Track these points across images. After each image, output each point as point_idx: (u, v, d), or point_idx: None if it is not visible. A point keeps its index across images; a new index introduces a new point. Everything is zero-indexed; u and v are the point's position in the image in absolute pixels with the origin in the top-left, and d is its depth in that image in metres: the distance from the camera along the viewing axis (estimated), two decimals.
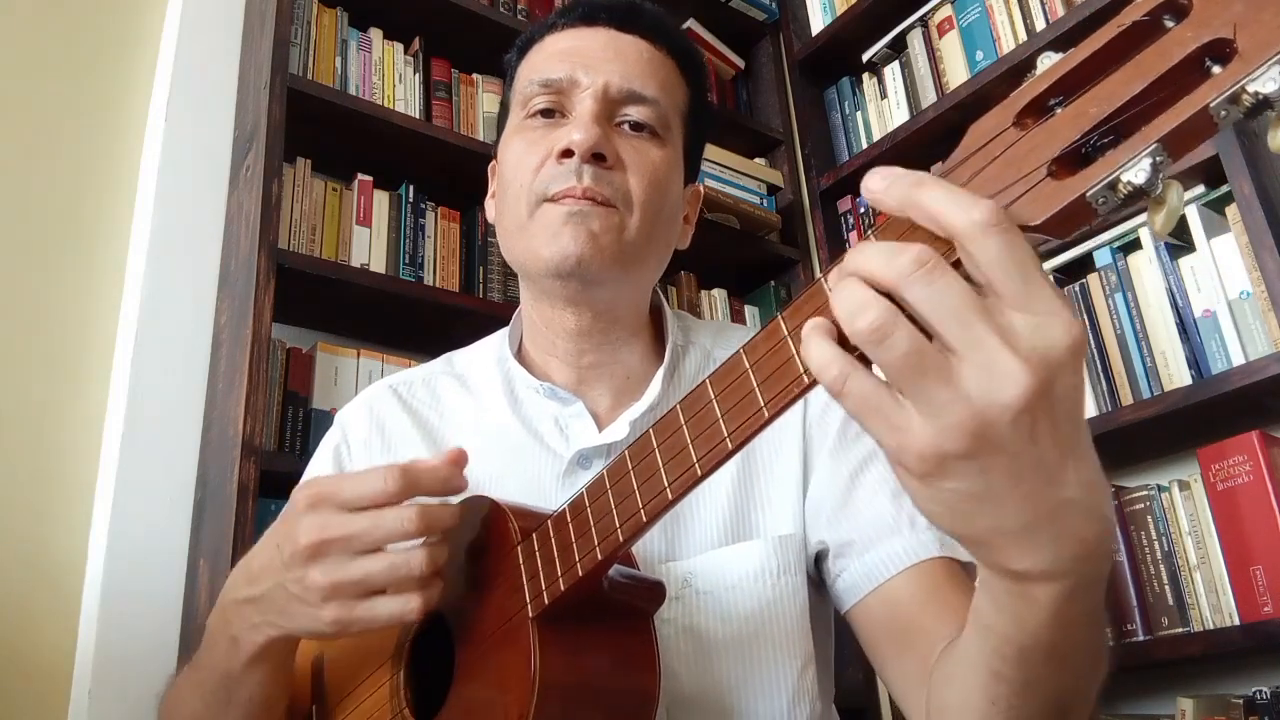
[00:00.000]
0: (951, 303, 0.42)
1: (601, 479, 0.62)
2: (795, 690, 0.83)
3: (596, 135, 0.85)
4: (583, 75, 0.89)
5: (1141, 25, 0.42)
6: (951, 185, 0.44)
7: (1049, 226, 0.43)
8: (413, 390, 1.00)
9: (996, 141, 0.45)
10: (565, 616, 0.66)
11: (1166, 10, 0.41)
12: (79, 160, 1.61)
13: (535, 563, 0.67)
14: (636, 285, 0.93)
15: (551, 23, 0.95)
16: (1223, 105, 0.39)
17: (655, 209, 0.88)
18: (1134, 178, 0.41)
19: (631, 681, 0.69)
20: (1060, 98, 0.44)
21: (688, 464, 0.55)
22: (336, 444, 0.98)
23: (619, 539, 0.60)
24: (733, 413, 0.52)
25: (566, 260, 0.84)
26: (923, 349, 0.43)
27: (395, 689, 0.76)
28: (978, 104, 1.97)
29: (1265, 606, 1.41)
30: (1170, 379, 1.58)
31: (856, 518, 0.85)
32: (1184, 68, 0.40)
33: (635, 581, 0.71)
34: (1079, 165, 0.43)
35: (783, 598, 0.84)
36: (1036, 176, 0.43)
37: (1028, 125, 0.45)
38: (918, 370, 0.43)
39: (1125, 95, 0.42)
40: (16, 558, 1.37)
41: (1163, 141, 0.40)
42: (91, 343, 1.54)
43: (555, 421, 0.92)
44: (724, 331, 1.02)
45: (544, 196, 0.86)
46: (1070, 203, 0.42)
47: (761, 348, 0.51)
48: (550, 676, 0.64)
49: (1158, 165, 0.40)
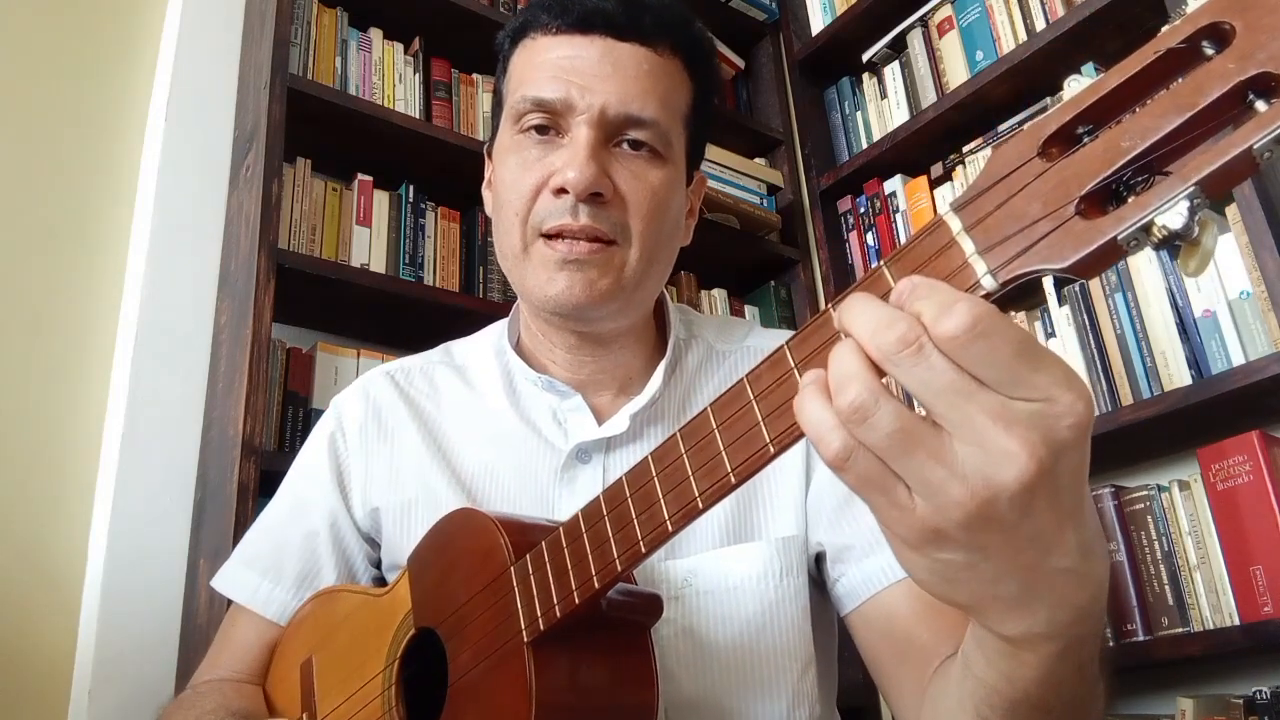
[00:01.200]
0: (940, 384, 0.40)
1: (598, 504, 0.61)
2: (795, 693, 0.83)
3: (591, 176, 0.81)
4: (578, 97, 0.83)
5: (1178, 52, 0.39)
6: (932, 287, 0.41)
7: (1077, 269, 0.40)
8: (410, 379, 0.98)
9: (1021, 172, 0.42)
10: (561, 638, 0.65)
11: (1207, 36, 0.38)
12: (79, 160, 1.61)
13: (530, 587, 0.65)
14: (638, 308, 0.91)
15: (545, 20, 0.88)
16: (1267, 146, 0.36)
17: (655, 237, 0.86)
18: (1169, 222, 0.37)
19: (630, 699, 0.68)
20: (1089, 127, 0.41)
21: (688, 498, 0.53)
22: (331, 431, 0.96)
23: (617, 569, 0.59)
24: (737, 446, 0.49)
25: (563, 306, 0.83)
26: (909, 429, 0.41)
27: (387, 704, 0.75)
28: (978, 104, 1.97)
29: (1265, 606, 1.41)
30: (1170, 379, 1.58)
31: (857, 522, 0.84)
32: (1225, 103, 0.37)
33: (633, 598, 0.70)
34: (1110, 204, 0.40)
35: (785, 600, 0.84)
36: (1064, 214, 0.40)
37: (1054, 155, 0.42)
38: (905, 450, 0.41)
39: (1161, 130, 0.38)
40: (16, 558, 1.37)
41: (1201, 184, 0.37)
42: (91, 343, 1.54)
43: (554, 415, 0.91)
44: (726, 326, 1.01)
45: (539, 230, 0.84)
46: (1101, 245, 0.39)
47: (766, 378, 0.49)
48: (548, 700, 0.63)
49: (1195, 208, 0.37)
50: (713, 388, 0.94)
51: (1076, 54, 1.83)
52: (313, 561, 0.92)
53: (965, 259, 0.43)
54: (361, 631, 0.81)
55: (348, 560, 0.93)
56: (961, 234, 0.43)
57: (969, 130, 2.01)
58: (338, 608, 0.87)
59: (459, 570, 0.73)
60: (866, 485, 0.43)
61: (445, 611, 0.73)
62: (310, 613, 0.89)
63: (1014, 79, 1.90)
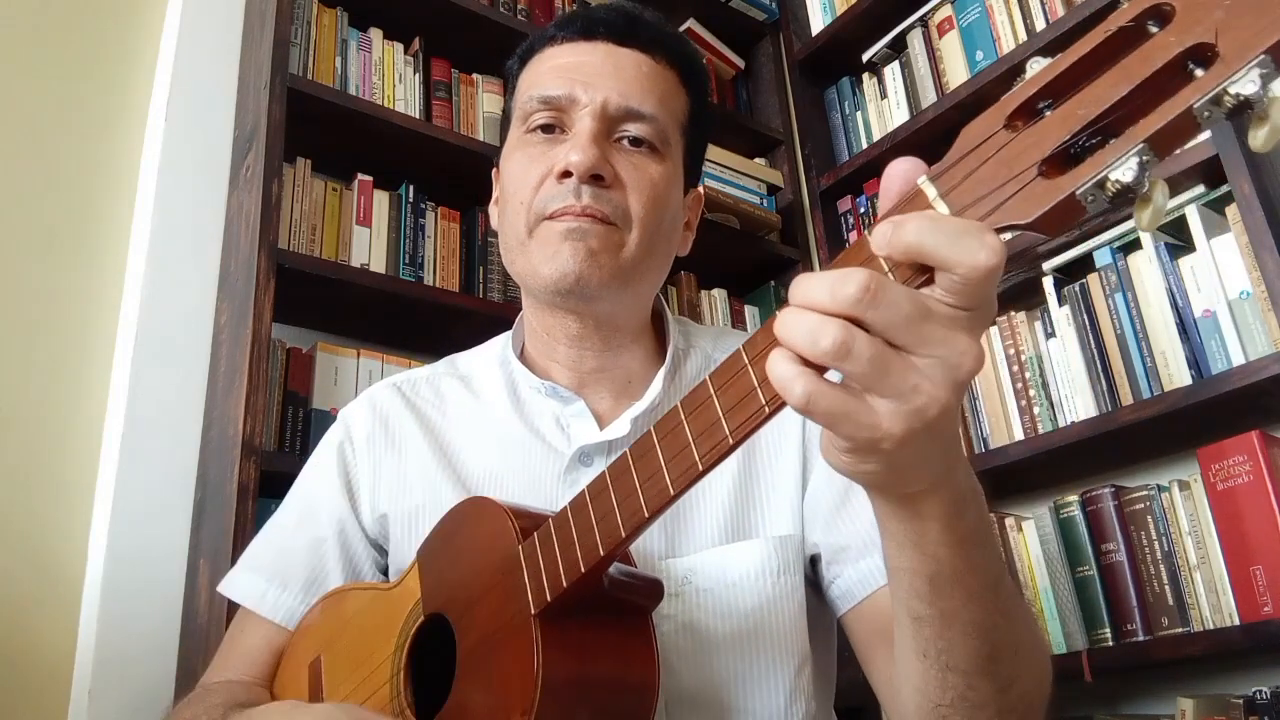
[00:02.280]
0: (902, 314, 0.45)
1: (603, 477, 0.63)
2: (792, 688, 0.84)
3: (594, 156, 0.85)
4: (581, 93, 0.89)
5: (1126, 31, 0.43)
6: (953, 221, 0.46)
7: (1041, 224, 0.44)
8: (416, 389, 1.00)
9: (989, 143, 0.47)
10: (567, 614, 0.67)
11: (1150, 16, 0.43)
12: (79, 160, 1.61)
13: (537, 560, 0.67)
14: (637, 297, 0.93)
15: (551, 34, 0.95)
16: (1205, 106, 0.41)
17: (654, 225, 0.89)
18: (1122, 176, 0.42)
19: (632, 677, 0.70)
20: (1049, 101, 0.46)
21: (689, 460, 0.56)
22: (340, 441, 0.98)
23: (621, 534, 0.61)
24: (735, 409, 0.53)
25: (566, 278, 0.85)
26: (882, 349, 0.46)
27: (396, 688, 0.77)
28: (978, 104, 1.95)
29: (1265, 606, 1.41)
30: (1170, 379, 1.58)
31: (853, 522, 0.85)
32: (1168, 71, 0.42)
33: (635, 579, 0.72)
34: (1069, 165, 0.44)
35: (782, 597, 0.85)
36: (1028, 176, 0.45)
37: (1018, 127, 0.46)
38: (882, 369, 0.46)
39: (1112, 98, 0.43)
40: (16, 558, 1.37)
41: (1149, 141, 0.42)
42: (91, 343, 1.54)
43: (556, 420, 0.93)
44: (724, 336, 1.03)
45: (543, 215, 0.87)
46: (1061, 200, 0.44)
47: (760, 341, 0.52)
48: (553, 672, 0.65)
49: (1144, 164, 0.42)
50: None
51: None
52: (320, 567, 0.93)
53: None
54: (370, 625, 0.83)
55: (354, 566, 0.94)
56: (937, 199, 0.48)
57: None
58: (346, 606, 0.88)
59: (468, 555, 0.74)
60: (834, 416, 0.48)
61: (454, 596, 0.74)
62: (319, 614, 0.90)
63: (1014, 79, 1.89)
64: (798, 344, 0.47)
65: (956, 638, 0.60)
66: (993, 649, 0.61)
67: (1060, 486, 1.77)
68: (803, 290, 0.47)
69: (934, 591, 0.58)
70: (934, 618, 0.60)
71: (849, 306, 0.45)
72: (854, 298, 0.45)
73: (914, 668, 0.64)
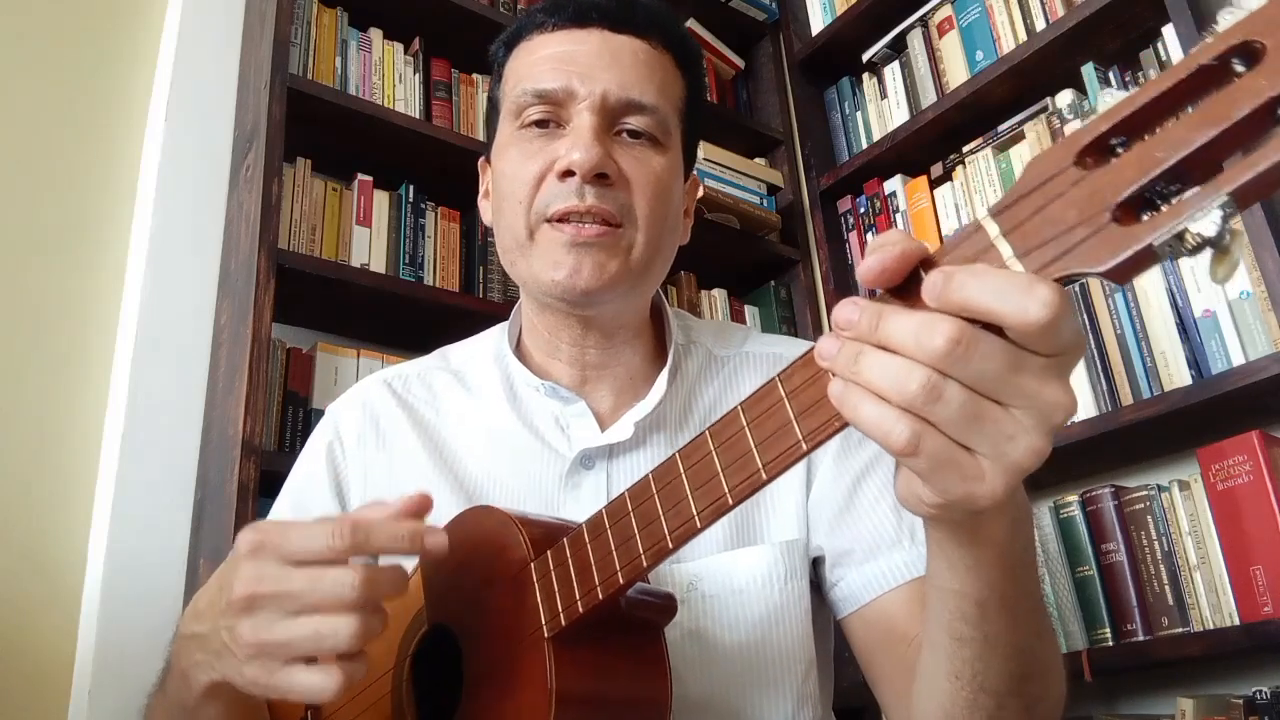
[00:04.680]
0: (994, 370, 0.43)
1: (623, 499, 0.62)
2: (800, 694, 0.83)
3: (598, 155, 0.82)
4: (579, 85, 0.84)
5: (1208, 69, 0.40)
6: (999, 275, 0.43)
7: (1114, 274, 0.42)
8: (408, 386, 0.97)
9: (1057, 180, 0.44)
10: (580, 635, 0.66)
11: (1237, 54, 0.40)
12: (79, 160, 1.61)
13: (551, 582, 0.66)
14: (642, 295, 0.91)
15: (540, 20, 0.89)
16: None
17: (660, 221, 0.86)
18: (1203, 230, 0.39)
19: (645, 694, 0.69)
20: (1123, 138, 0.43)
21: (718, 492, 0.55)
22: (329, 441, 0.95)
23: (643, 565, 0.60)
24: (768, 443, 0.52)
25: (571, 290, 0.83)
26: (974, 397, 0.44)
27: (399, 702, 0.75)
28: (978, 104, 1.97)
29: (1265, 606, 1.41)
30: (1170, 379, 1.58)
31: (857, 526, 0.84)
32: (1256, 117, 0.39)
33: (651, 597, 0.71)
34: (1143, 211, 0.41)
35: (789, 603, 0.84)
36: (1100, 220, 0.42)
37: (1089, 165, 0.43)
38: (975, 417, 0.44)
39: (1193, 142, 0.40)
40: (16, 558, 1.37)
41: (1233, 194, 0.39)
42: (91, 343, 1.54)
43: (556, 421, 0.91)
44: (724, 331, 1.01)
45: (544, 216, 0.84)
46: (1138, 251, 0.41)
47: (798, 377, 0.51)
48: (567, 693, 0.64)
49: (1227, 217, 0.39)
50: (712, 393, 0.94)
51: (1076, 54, 1.82)
52: None
53: (1003, 262, 0.45)
54: None
55: None
56: (999, 238, 0.45)
57: (969, 130, 2.01)
58: None
59: (475, 566, 0.73)
60: (938, 465, 0.45)
61: (460, 608, 0.73)
62: None
63: (1014, 79, 1.90)
64: (880, 385, 0.44)
65: (996, 660, 0.59)
66: (1026, 669, 0.60)
67: (1060, 486, 1.77)
68: (884, 328, 0.45)
69: (981, 615, 0.57)
70: (977, 640, 0.58)
71: (937, 360, 0.43)
72: (943, 351, 0.43)
73: (942, 688, 0.62)
